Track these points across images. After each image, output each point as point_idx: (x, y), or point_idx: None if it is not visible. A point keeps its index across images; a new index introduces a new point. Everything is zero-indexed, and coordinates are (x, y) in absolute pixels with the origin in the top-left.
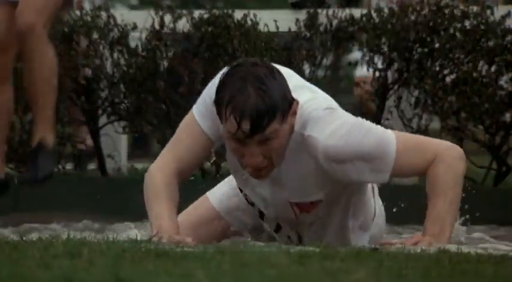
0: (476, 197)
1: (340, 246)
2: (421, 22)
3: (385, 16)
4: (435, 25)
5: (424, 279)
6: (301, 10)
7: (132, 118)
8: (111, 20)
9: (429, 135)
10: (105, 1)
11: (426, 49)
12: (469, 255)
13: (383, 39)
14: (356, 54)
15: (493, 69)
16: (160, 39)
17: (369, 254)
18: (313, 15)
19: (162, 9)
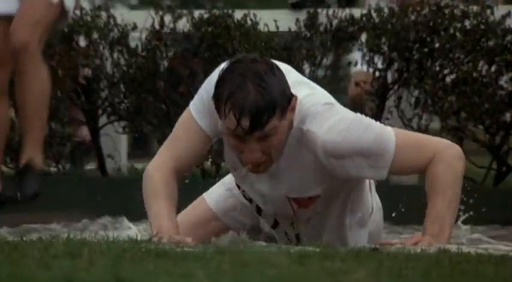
0: (476, 197)
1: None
2: (421, 22)
3: (385, 16)
4: (435, 25)
5: (424, 279)
6: (301, 10)
7: (132, 118)
8: (111, 20)
9: (429, 135)
10: (105, 1)
11: (426, 49)
12: (469, 255)
13: (383, 39)
14: (355, 54)
15: (493, 69)
16: (160, 39)
17: (369, 254)
18: (313, 15)
19: (162, 9)
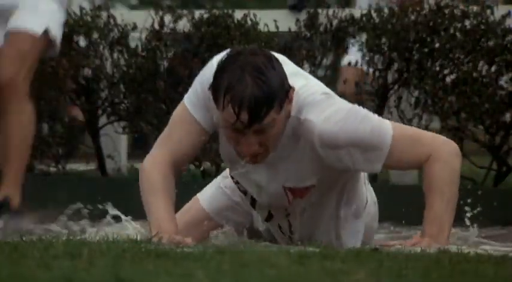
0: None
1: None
2: (421, 22)
3: (385, 16)
4: (435, 25)
5: (424, 280)
6: (299, 13)
7: (132, 118)
8: (111, 20)
9: None
10: (105, 1)
11: (426, 49)
12: (469, 255)
13: (383, 40)
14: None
15: (493, 69)
16: (160, 39)
17: (369, 254)
18: (313, 15)
19: (162, 9)
